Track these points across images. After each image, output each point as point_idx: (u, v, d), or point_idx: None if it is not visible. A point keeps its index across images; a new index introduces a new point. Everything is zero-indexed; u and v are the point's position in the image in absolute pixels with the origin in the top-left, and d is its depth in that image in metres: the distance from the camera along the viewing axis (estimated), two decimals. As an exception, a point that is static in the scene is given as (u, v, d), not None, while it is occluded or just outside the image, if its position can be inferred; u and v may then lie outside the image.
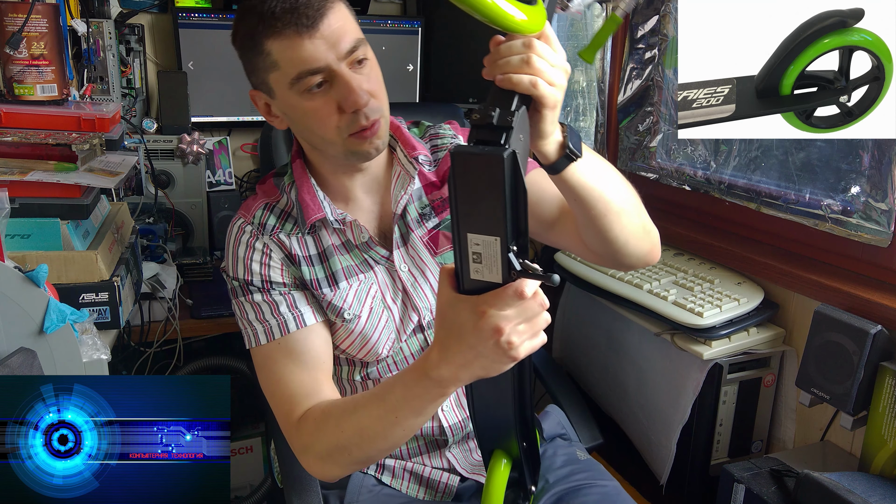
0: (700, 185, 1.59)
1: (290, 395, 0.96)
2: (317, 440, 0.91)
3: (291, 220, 1.03)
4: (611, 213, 0.88)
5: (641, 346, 1.52)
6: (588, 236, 0.94)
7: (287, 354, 0.98)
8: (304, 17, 0.88)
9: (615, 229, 0.90)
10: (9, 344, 0.96)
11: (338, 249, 1.02)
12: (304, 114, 0.93)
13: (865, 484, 1.07)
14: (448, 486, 1.11)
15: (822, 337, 1.18)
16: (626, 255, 0.95)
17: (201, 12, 1.94)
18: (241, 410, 1.95)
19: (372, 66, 0.94)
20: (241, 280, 1.00)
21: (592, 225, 0.90)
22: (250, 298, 1.00)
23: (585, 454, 1.20)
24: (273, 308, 0.99)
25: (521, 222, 0.66)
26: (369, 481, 1.11)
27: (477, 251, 0.67)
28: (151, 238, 1.74)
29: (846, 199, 1.26)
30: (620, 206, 0.89)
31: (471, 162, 0.64)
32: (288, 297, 0.99)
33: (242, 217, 1.04)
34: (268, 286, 1.00)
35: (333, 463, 0.91)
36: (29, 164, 1.23)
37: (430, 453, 1.12)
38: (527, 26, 0.67)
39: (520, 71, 0.71)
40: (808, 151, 1.36)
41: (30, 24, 1.26)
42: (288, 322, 0.98)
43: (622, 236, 0.91)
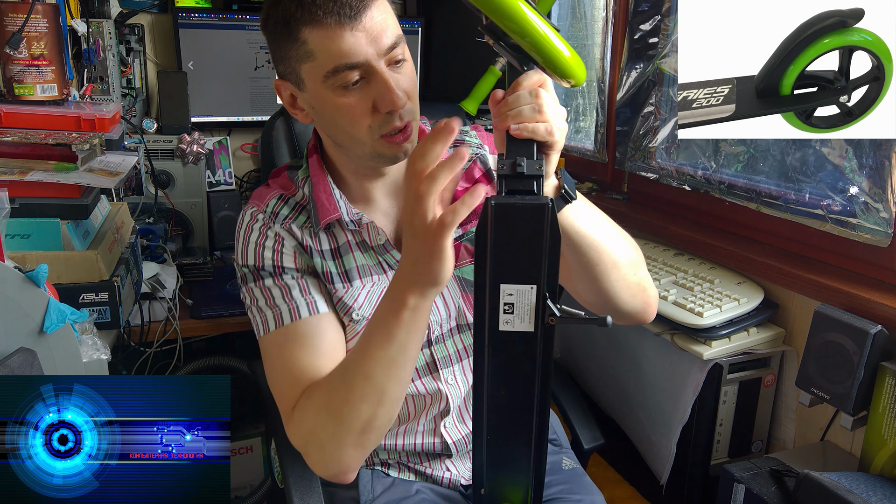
0: (700, 185, 1.59)
1: (294, 380, 0.90)
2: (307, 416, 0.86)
3: (305, 213, 0.99)
4: (604, 263, 0.87)
5: (641, 346, 1.52)
6: (580, 285, 0.93)
7: (296, 339, 0.92)
8: (348, 7, 0.83)
9: (609, 280, 0.89)
10: (9, 344, 0.96)
11: (353, 248, 0.99)
12: (335, 109, 0.88)
13: (865, 484, 1.07)
14: (452, 481, 1.11)
15: (822, 337, 1.18)
16: (617, 310, 0.93)
17: (201, 12, 1.94)
18: (241, 410, 1.95)
19: (409, 66, 0.91)
20: (251, 266, 0.97)
21: (585, 273, 0.88)
22: (261, 284, 0.96)
23: (573, 462, 1.18)
24: (285, 292, 0.94)
25: (555, 269, 0.67)
26: (378, 474, 1.10)
27: (510, 301, 0.66)
28: (151, 238, 1.74)
29: (846, 199, 1.26)
30: (615, 256, 0.88)
31: (514, 213, 0.64)
32: (301, 281, 0.95)
33: (255, 206, 1.01)
34: (279, 271, 0.96)
35: (329, 443, 0.84)
36: (29, 164, 1.23)
37: (430, 461, 1.12)
38: (576, 72, 0.73)
39: (535, 120, 0.73)
40: (805, 152, 1.36)
41: (30, 24, 1.26)
42: (300, 307, 0.93)
43: (614, 289, 0.90)
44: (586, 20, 2.01)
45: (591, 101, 2.01)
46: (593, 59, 1.94)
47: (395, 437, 1.09)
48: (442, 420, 1.08)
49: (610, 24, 1.83)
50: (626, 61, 1.77)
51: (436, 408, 1.07)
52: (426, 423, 1.08)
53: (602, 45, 1.87)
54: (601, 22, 1.87)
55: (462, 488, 1.11)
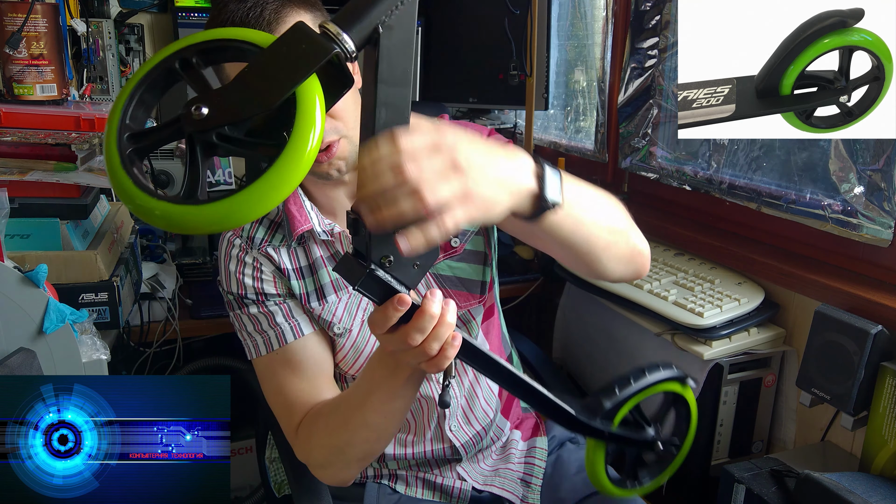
0: (700, 185, 1.59)
1: (290, 404, 0.96)
2: (312, 446, 0.92)
3: (281, 231, 1.00)
4: (596, 251, 0.82)
5: (641, 346, 1.52)
6: (571, 266, 0.90)
7: (285, 364, 0.97)
8: (264, 22, 0.83)
9: (602, 261, 0.85)
10: (8, 344, 0.96)
11: (326, 262, 0.99)
12: None
13: (866, 484, 1.07)
14: (462, 491, 1.11)
15: (823, 337, 1.18)
16: (610, 275, 0.90)
17: (201, 12, 1.94)
18: (241, 410, 1.95)
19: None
20: (235, 294, 0.99)
21: (576, 260, 0.85)
22: (246, 311, 0.98)
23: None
24: (270, 319, 0.97)
25: None
26: (385, 490, 1.11)
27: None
28: (151, 238, 1.74)
29: (847, 199, 1.26)
30: (607, 240, 0.82)
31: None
32: (283, 306, 0.98)
33: (231, 231, 1.01)
34: (262, 298, 0.98)
35: (333, 466, 0.91)
36: (28, 164, 1.23)
37: (440, 468, 1.12)
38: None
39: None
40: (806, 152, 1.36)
41: (29, 23, 1.26)
42: (285, 333, 0.97)
43: (609, 265, 0.87)
44: (586, 20, 2.01)
45: (592, 101, 2.01)
46: (593, 59, 1.94)
47: (405, 446, 1.09)
48: (445, 423, 1.08)
49: (610, 24, 1.83)
50: (627, 61, 1.77)
51: (435, 413, 1.07)
52: (432, 431, 1.09)
53: (602, 45, 1.87)
54: (601, 22, 1.87)
55: (476, 492, 1.12)
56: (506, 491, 1.12)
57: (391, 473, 1.12)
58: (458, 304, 1.07)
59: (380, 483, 1.11)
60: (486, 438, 1.14)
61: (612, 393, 0.77)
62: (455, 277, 1.06)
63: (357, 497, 1.10)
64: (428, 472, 1.11)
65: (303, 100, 0.57)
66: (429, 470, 1.11)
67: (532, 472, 1.16)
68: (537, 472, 1.16)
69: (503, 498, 1.11)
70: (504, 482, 1.13)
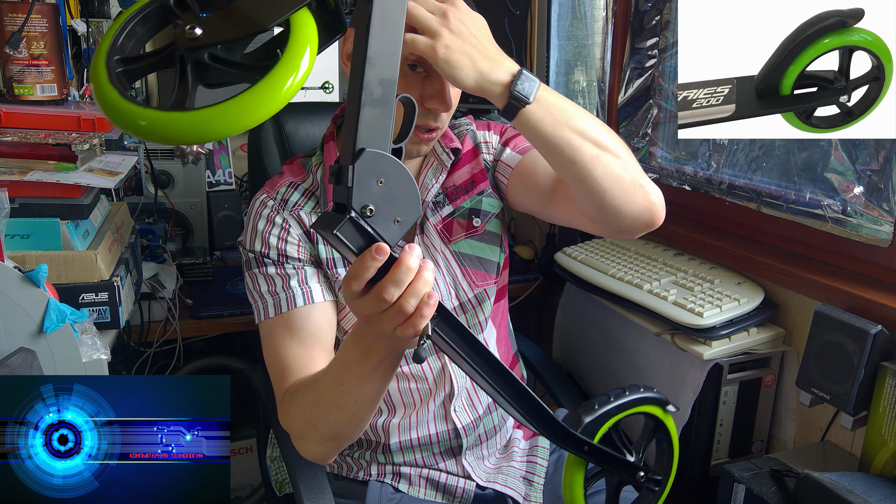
0: (700, 185, 1.59)
1: (283, 369, 0.97)
2: (291, 414, 0.92)
3: (314, 199, 1.03)
4: (584, 159, 0.85)
5: (641, 346, 1.52)
6: (576, 196, 0.92)
7: (287, 328, 0.98)
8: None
9: (595, 177, 0.87)
10: (9, 344, 0.96)
11: None
12: None
13: (866, 484, 1.07)
14: (465, 490, 1.11)
15: (823, 337, 1.18)
16: (620, 214, 0.92)
17: (201, 12, 1.94)
18: (241, 410, 1.95)
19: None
20: (257, 252, 1.01)
21: (570, 177, 0.87)
22: (264, 271, 1.00)
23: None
24: (284, 281, 0.99)
25: None
26: (387, 490, 1.11)
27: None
28: (151, 238, 1.74)
29: (846, 200, 1.26)
30: (594, 149, 0.86)
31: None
32: (301, 271, 1.00)
33: (266, 192, 1.05)
34: (283, 259, 1.00)
35: (306, 439, 0.91)
36: (29, 164, 1.23)
37: (445, 461, 1.12)
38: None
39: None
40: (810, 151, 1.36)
41: (30, 23, 1.26)
42: (296, 297, 0.99)
43: (604, 186, 0.88)
44: (586, 20, 2.01)
45: (592, 101, 2.01)
46: (593, 59, 1.94)
47: (409, 430, 1.09)
48: (451, 403, 1.08)
49: (610, 24, 1.83)
50: (627, 61, 1.77)
51: (442, 391, 1.08)
52: (436, 409, 1.09)
53: (602, 45, 1.87)
54: (601, 22, 1.87)
55: (479, 490, 1.12)
56: (508, 488, 1.12)
57: (395, 472, 1.12)
58: (476, 283, 1.11)
59: (382, 482, 1.11)
60: (486, 423, 1.15)
61: (591, 409, 0.76)
62: (475, 256, 1.10)
63: (359, 496, 1.10)
64: (433, 467, 1.11)
65: (297, 25, 0.59)
66: (434, 465, 1.11)
67: (534, 471, 1.16)
68: (539, 471, 1.16)
69: (506, 495, 1.12)
70: (507, 479, 1.13)
